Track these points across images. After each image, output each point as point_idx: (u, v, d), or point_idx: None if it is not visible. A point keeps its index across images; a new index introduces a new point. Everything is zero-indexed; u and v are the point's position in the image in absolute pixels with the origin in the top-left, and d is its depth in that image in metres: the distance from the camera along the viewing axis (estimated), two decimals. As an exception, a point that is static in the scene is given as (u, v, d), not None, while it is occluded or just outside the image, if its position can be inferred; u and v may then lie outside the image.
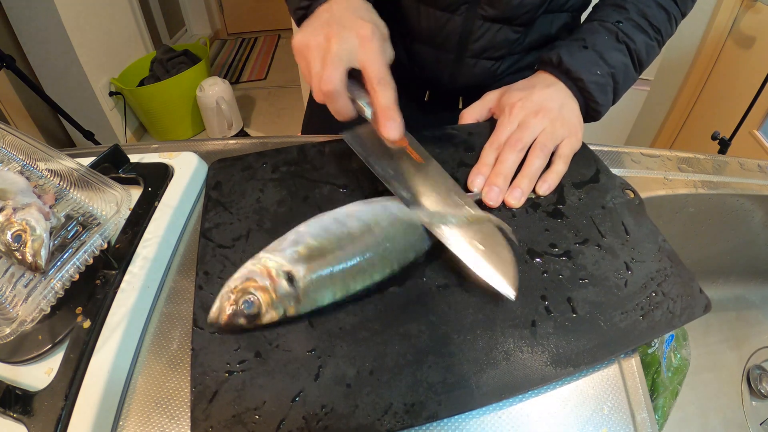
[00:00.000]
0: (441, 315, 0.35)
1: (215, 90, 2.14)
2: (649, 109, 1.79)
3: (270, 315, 0.34)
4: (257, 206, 0.44)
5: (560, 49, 0.50)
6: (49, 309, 0.35)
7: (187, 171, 0.49)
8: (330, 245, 0.36)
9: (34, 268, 0.36)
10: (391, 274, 0.37)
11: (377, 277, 0.36)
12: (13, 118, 1.73)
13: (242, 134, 2.34)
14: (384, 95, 0.38)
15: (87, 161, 0.46)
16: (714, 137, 1.29)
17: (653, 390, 0.51)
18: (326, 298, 0.35)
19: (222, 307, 0.33)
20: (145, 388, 0.35)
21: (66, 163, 0.43)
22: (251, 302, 0.33)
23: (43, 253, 0.36)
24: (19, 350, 0.35)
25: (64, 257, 0.37)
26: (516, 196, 0.43)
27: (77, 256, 0.36)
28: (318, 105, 0.42)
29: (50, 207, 0.40)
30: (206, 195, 0.46)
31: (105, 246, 0.39)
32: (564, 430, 0.32)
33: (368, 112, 0.40)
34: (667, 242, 0.41)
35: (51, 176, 0.43)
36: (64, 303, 0.37)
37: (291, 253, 0.35)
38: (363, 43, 0.39)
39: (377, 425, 0.30)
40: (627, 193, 0.45)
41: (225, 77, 2.60)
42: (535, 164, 0.45)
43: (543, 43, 0.60)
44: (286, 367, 0.33)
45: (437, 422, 0.32)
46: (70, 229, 0.40)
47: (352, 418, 0.30)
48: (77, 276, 0.37)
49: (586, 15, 0.56)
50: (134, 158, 0.51)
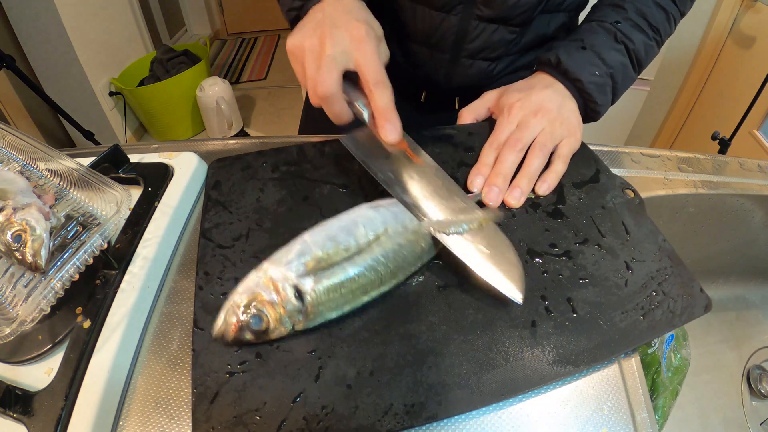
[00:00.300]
0: (441, 315, 0.35)
1: (215, 90, 2.14)
2: (649, 109, 1.79)
3: (278, 331, 0.33)
4: (257, 206, 0.44)
5: (558, 50, 0.50)
6: (49, 309, 0.35)
7: (187, 171, 0.49)
8: (338, 257, 0.34)
9: (34, 268, 0.36)
10: (396, 285, 0.37)
11: (384, 289, 0.36)
12: (13, 118, 1.73)
13: (242, 134, 2.34)
14: (381, 97, 0.38)
15: (87, 161, 0.46)
16: (714, 137, 1.29)
17: (653, 390, 0.51)
18: (334, 312, 0.35)
19: (228, 322, 0.32)
20: (145, 388, 0.35)
21: (66, 163, 0.43)
22: (259, 318, 0.32)
23: (43, 253, 0.36)
24: (19, 350, 0.35)
25: (64, 257, 0.37)
26: (515, 196, 0.43)
27: (77, 256, 0.36)
28: (314, 106, 0.41)
29: (50, 207, 0.40)
30: (206, 195, 0.46)
31: (105, 246, 0.39)
32: (564, 430, 0.32)
33: (366, 115, 0.40)
34: (668, 242, 0.41)
35: (51, 176, 0.43)
36: (64, 303, 0.37)
37: (298, 266, 0.34)
38: (357, 45, 0.38)
39: (377, 426, 0.30)
40: (627, 193, 0.45)
41: (225, 77, 2.60)
42: (535, 164, 0.45)
43: (540, 44, 0.60)
44: (287, 368, 0.33)
45: (437, 422, 0.32)
46: (70, 229, 0.40)
47: (353, 419, 0.30)
48: (77, 276, 0.37)
49: (584, 15, 0.56)
50: (134, 158, 0.51)
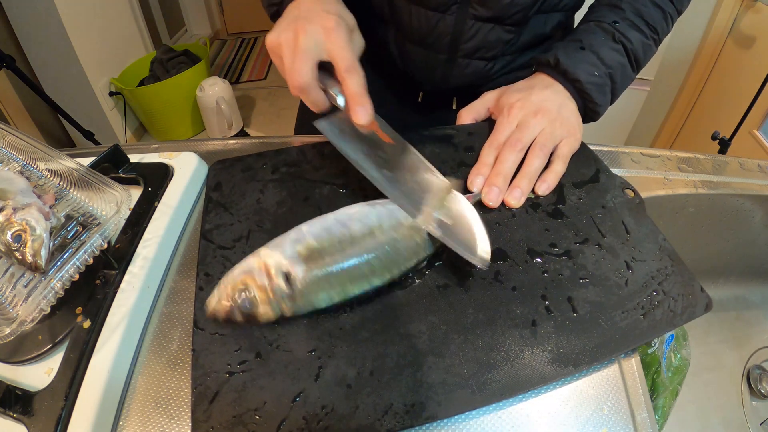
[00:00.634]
0: (441, 315, 0.35)
1: (215, 90, 2.14)
2: (649, 109, 1.79)
3: (266, 313, 0.34)
4: (257, 207, 0.44)
5: (557, 51, 0.50)
6: (49, 309, 0.35)
7: (187, 171, 0.49)
8: (330, 247, 0.36)
9: (34, 268, 0.36)
10: (391, 280, 0.37)
11: (377, 282, 0.36)
12: (13, 118, 1.73)
13: (242, 134, 2.34)
14: (353, 82, 0.40)
15: (87, 161, 0.46)
16: (714, 137, 1.29)
17: (653, 390, 0.51)
18: (323, 301, 0.35)
19: (220, 300, 0.34)
20: (145, 388, 0.35)
21: (66, 163, 0.43)
22: (248, 300, 0.33)
23: (43, 253, 0.36)
24: (19, 350, 0.35)
25: (64, 257, 0.37)
26: (516, 196, 0.43)
27: (77, 256, 0.36)
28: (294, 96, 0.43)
29: (50, 207, 0.40)
30: (206, 196, 0.46)
31: (105, 246, 0.39)
32: (564, 430, 0.32)
33: (340, 101, 0.42)
34: (668, 241, 0.41)
35: (51, 176, 0.43)
36: (64, 303, 0.37)
37: (291, 253, 0.35)
38: (329, 35, 0.40)
39: (377, 425, 0.30)
40: (627, 193, 0.45)
41: (225, 77, 2.60)
42: (535, 164, 0.45)
43: (537, 43, 0.60)
44: (287, 368, 0.33)
45: (437, 422, 0.32)
46: (70, 229, 0.40)
47: (353, 419, 0.30)
48: (77, 276, 0.37)
49: (581, 14, 0.56)
50: (134, 158, 0.51)
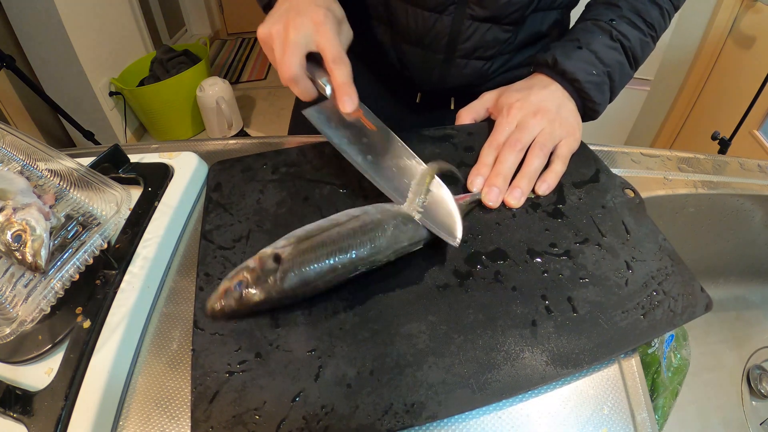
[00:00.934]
0: (441, 315, 0.35)
1: (215, 90, 2.14)
2: (649, 109, 1.79)
3: (257, 293, 0.34)
4: (257, 207, 0.44)
5: (555, 50, 0.50)
6: (49, 309, 0.35)
7: (187, 171, 0.49)
8: (317, 230, 0.37)
9: (34, 268, 0.36)
10: (386, 259, 0.37)
11: (364, 253, 0.36)
12: (13, 118, 1.73)
13: (242, 134, 2.34)
14: (340, 73, 0.41)
15: (87, 161, 0.46)
16: (714, 137, 1.29)
17: (653, 390, 0.51)
18: (312, 272, 0.35)
19: (216, 293, 0.35)
20: (145, 388, 0.35)
21: (66, 163, 0.43)
22: (239, 282, 0.35)
23: (43, 253, 0.36)
24: (19, 350, 0.35)
25: (64, 257, 0.37)
26: (516, 196, 0.43)
27: (77, 256, 0.36)
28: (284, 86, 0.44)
29: (50, 207, 0.40)
30: (207, 197, 0.46)
31: (105, 246, 0.39)
32: (564, 430, 0.32)
33: (328, 90, 0.43)
34: (668, 241, 0.41)
35: (51, 176, 0.43)
36: (64, 303, 0.37)
37: (282, 243, 0.37)
38: (317, 28, 0.42)
39: (377, 425, 0.30)
40: (627, 193, 0.45)
41: (225, 77, 2.60)
42: (534, 164, 0.45)
43: (534, 41, 0.60)
44: (287, 368, 0.33)
45: (437, 422, 0.32)
46: (70, 229, 0.40)
47: (353, 419, 0.30)
48: (77, 276, 0.37)
49: (578, 12, 0.56)
50: (134, 158, 0.51)
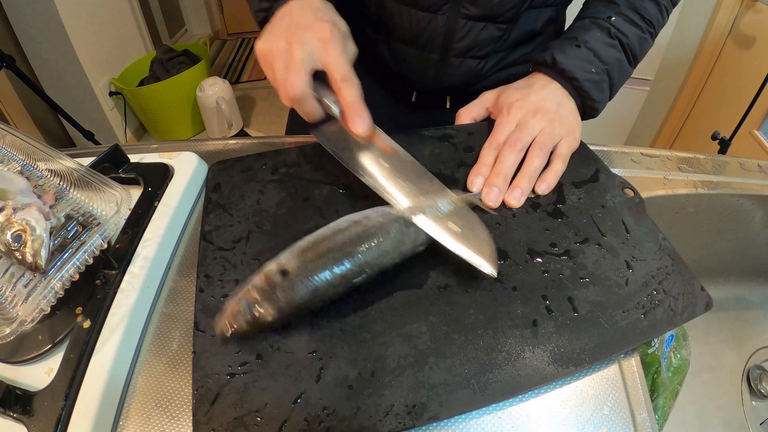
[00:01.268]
0: (442, 316, 0.35)
1: (215, 90, 2.13)
2: (649, 109, 1.79)
3: (267, 311, 0.33)
4: (257, 208, 0.44)
5: (554, 49, 0.50)
6: (49, 309, 0.35)
7: (187, 171, 0.49)
8: (319, 239, 0.36)
9: (34, 268, 0.36)
10: (392, 261, 0.36)
11: (370, 256, 0.35)
12: (13, 118, 1.73)
13: (242, 134, 2.34)
14: (349, 93, 0.39)
15: (87, 161, 0.46)
16: (714, 137, 1.29)
17: (653, 390, 0.51)
18: (320, 280, 0.34)
19: (224, 316, 0.34)
20: (145, 388, 0.35)
21: (66, 163, 0.43)
22: (248, 301, 0.33)
23: (43, 253, 0.36)
24: (19, 350, 0.35)
25: (64, 257, 0.37)
26: (516, 196, 0.43)
27: (77, 256, 0.36)
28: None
29: (50, 207, 0.40)
30: (206, 197, 0.46)
31: (105, 246, 0.39)
32: (564, 430, 0.32)
33: (335, 110, 0.41)
34: (668, 240, 0.41)
35: (51, 176, 0.43)
36: (64, 303, 0.37)
37: (285, 256, 0.35)
38: (324, 45, 0.39)
39: (379, 426, 0.30)
40: (627, 192, 0.45)
41: (225, 77, 2.60)
42: (535, 164, 0.45)
43: (528, 39, 0.60)
44: (288, 369, 0.33)
45: (438, 423, 0.32)
46: (70, 229, 0.40)
47: (354, 420, 0.30)
48: (77, 276, 0.37)
49: (574, 10, 0.56)
50: (134, 158, 0.51)
